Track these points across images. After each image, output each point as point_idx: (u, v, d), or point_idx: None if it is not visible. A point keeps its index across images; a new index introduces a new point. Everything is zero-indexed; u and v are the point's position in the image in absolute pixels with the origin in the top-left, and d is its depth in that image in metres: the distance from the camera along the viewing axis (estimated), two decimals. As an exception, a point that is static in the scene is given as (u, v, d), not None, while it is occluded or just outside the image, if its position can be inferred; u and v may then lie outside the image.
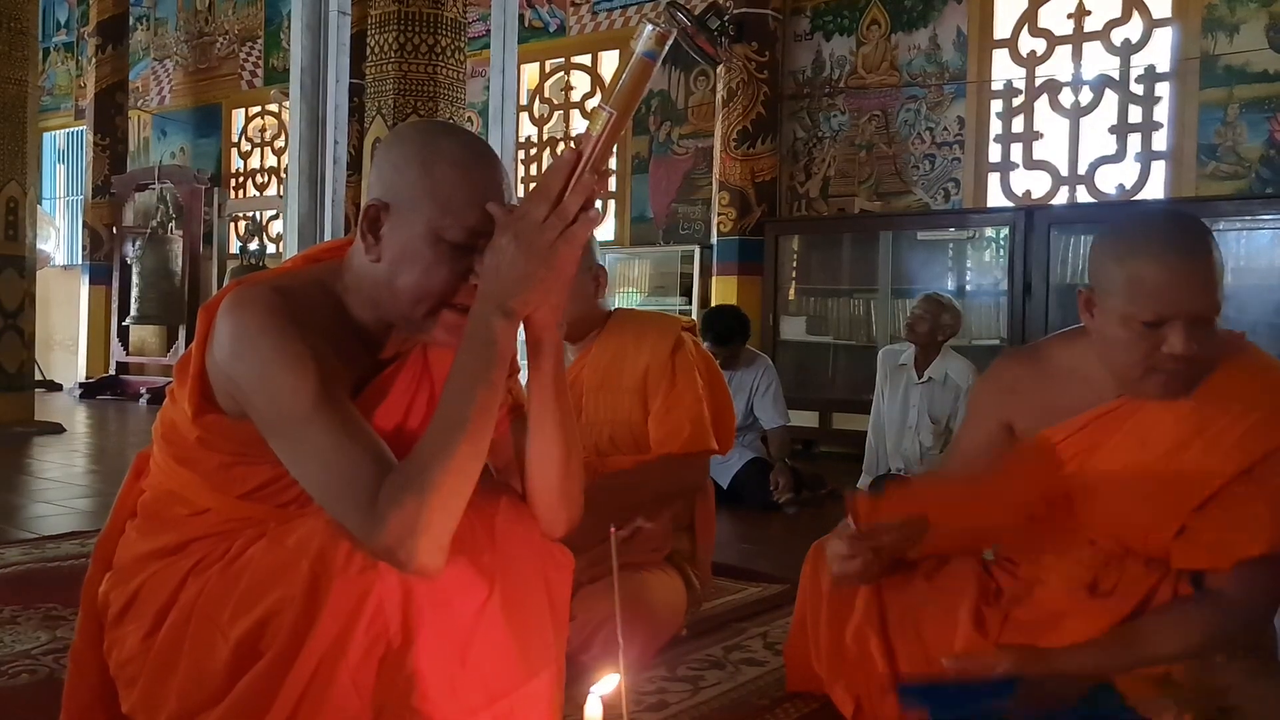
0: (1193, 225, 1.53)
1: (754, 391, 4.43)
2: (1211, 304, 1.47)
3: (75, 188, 11.36)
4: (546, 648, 1.26)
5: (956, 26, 6.35)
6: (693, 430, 2.28)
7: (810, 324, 6.53)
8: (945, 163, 6.39)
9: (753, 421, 4.44)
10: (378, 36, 5.35)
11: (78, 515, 3.80)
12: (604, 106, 1.12)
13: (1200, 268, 1.47)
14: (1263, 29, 5.44)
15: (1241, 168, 5.49)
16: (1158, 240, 1.50)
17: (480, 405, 1.14)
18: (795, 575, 1.88)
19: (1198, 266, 1.47)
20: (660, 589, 2.18)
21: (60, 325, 10.58)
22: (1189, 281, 1.46)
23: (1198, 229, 1.52)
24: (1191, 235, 1.50)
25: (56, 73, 11.48)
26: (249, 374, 1.19)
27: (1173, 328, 1.47)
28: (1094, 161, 5.97)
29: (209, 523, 1.30)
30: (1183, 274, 1.46)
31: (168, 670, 1.24)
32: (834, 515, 4.11)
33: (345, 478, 1.14)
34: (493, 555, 1.22)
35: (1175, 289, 1.46)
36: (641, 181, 7.53)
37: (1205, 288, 1.47)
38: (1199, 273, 1.47)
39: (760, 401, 4.43)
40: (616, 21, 7.65)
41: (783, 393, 4.58)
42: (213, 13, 10.17)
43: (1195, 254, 1.48)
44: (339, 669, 1.16)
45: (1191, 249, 1.48)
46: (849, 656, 1.71)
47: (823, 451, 6.24)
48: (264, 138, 9.97)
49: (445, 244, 1.21)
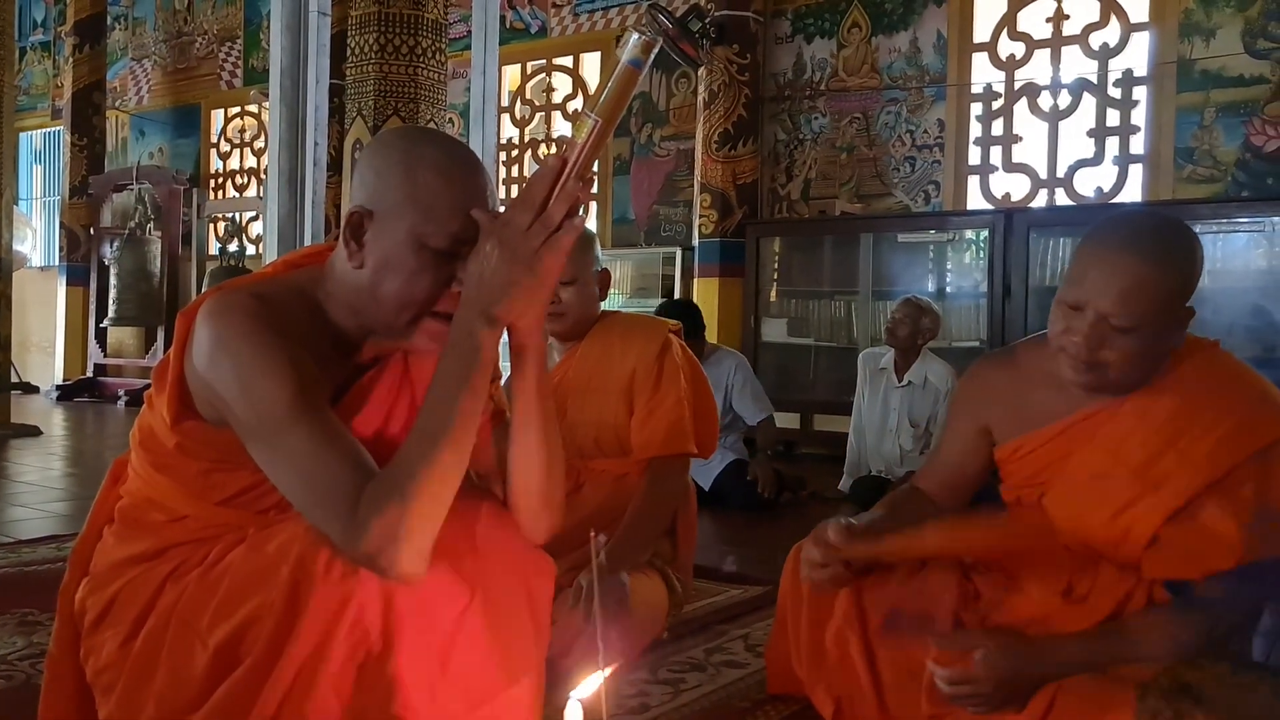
0: (1163, 233, 1.52)
1: (730, 390, 4.42)
2: (1131, 313, 1.46)
3: (52, 188, 11.27)
4: (527, 654, 1.26)
5: (936, 30, 6.38)
6: (671, 433, 2.28)
7: (791, 326, 6.55)
8: (925, 165, 6.42)
9: (731, 420, 4.44)
10: (358, 37, 5.33)
11: (55, 519, 3.77)
12: (589, 114, 1.12)
13: (1132, 271, 1.46)
14: (1238, 34, 5.49)
15: (1218, 171, 5.54)
16: (1115, 234, 1.52)
17: (462, 412, 1.13)
18: (776, 577, 1.88)
19: (1130, 270, 1.46)
20: (641, 592, 2.18)
21: (37, 327, 10.49)
22: (1110, 280, 1.47)
23: (1166, 240, 1.51)
24: (1149, 241, 1.50)
25: (33, 72, 11.38)
26: (228, 381, 1.18)
27: (1082, 316, 1.50)
28: (1072, 164, 6.02)
29: (188, 529, 1.29)
30: (1109, 271, 1.48)
31: (146, 677, 1.23)
32: (815, 517, 4.13)
33: (325, 485, 1.14)
34: (474, 561, 1.22)
35: (1096, 281, 1.48)
36: (623, 183, 7.54)
37: (1128, 293, 1.46)
38: (1129, 276, 1.46)
39: (740, 398, 4.42)
40: (598, 23, 7.65)
41: (759, 385, 4.59)
42: (191, 13, 10.11)
43: (1135, 257, 1.47)
44: (319, 676, 1.16)
45: (1136, 251, 1.47)
46: (829, 659, 1.72)
47: (804, 453, 6.26)
48: (243, 138, 9.91)
49: (429, 251, 1.21)
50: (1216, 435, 1.51)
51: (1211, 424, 1.52)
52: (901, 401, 4.52)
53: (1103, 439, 1.59)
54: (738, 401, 4.42)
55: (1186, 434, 1.53)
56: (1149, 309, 1.47)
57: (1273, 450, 1.51)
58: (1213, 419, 1.52)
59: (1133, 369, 1.53)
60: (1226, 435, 1.51)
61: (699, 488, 2.95)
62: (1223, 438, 1.51)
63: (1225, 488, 1.50)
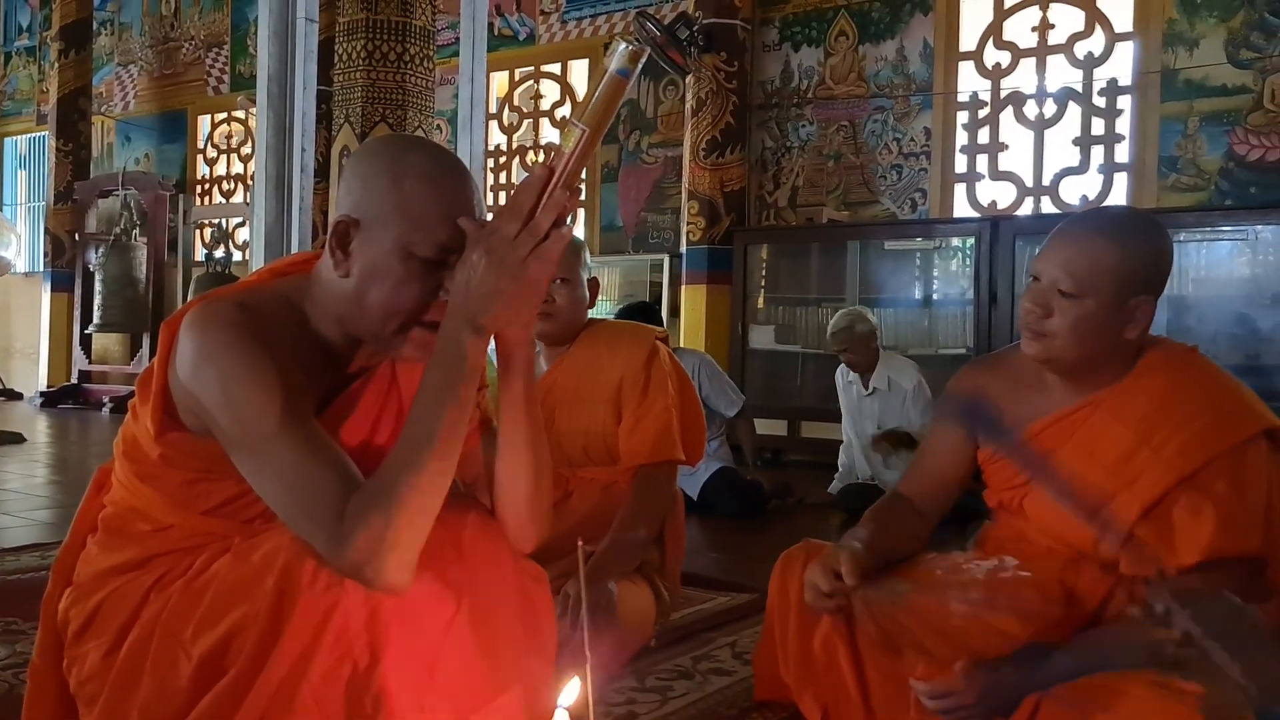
0: (1125, 218, 1.64)
1: (699, 388, 4.41)
2: (1075, 278, 1.55)
3: (37, 194, 11.20)
4: (516, 663, 1.26)
5: (923, 38, 6.41)
6: (659, 441, 2.28)
7: (779, 333, 6.56)
8: (912, 173, 6.45)
9: (713, 424, 4.42)
10: (346, 44, 5.32)
11: (38, 527, 3.74)
12: (576, 123, 1.12)
13: (1082, 240, 1.57)
14: (1221, 44, 5.53)
15: (1201, 180, 5.58)
16: (1083, 217, 1.64)
17: (449, 422, 1.13)
18: (764, 585, 1.89)
19: (1081, 239, 1.57)
20: (629, 599, 2.18)
21: (21, 333, 10.43)
22: (1062, 248, 1.58)
23: (1124, 223, 1.61)
24: (1108, 221, 1.60)
25: (18, 77, 11.32)
26: (212, 391, 1.17)
27: (1039, 284, 1.60)
28: (1058, 173, 6.05)
29: (172, 539, 1.28)
30: (1063, 241, 1.59)
31: (129, 688, 1.22)
32: (802, 524, 4.15)
33: (310, 495, 1.13)
34: (460, 570, 1.21)
35: (1051, 251, 1.60)
36: (611, 190, 7.54)
37: (1074, 259, 1.55)
38: (1078, 245, 1.57)
39: (712, 394, 4.40)
40: (586, 30, 7.66)
41: (726, 377, 4.60)
42: (178, 18, 10.07)
43: (1089, 230, 1.58)
44: (303, 686, 1.15)
45: (1092, 226, 1.59)
46: (817, 666, 1.72)
47: (791, 460, 6.26)
48: (230, 144, 9.88)
49: (415, 260, 1.20)
50: (1189, 432, 1.55)
51: (1183, 421, 1.56)
52: (873, 409, 4.60)
53: (1080, 438, 1.62)
54: (710, 398, 4.39)
55: (1160, 430, 1.56)
56: (1093, 276, 1.54)
57: (1245, 447, 1.54)
58: (1185, 416, 1.56)
59: (1077, 341, 1.57)
60: (1199, 432, 1.55)
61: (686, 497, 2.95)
62: (1195, 434, 1.55)
63: (1197, 483, 1.53)
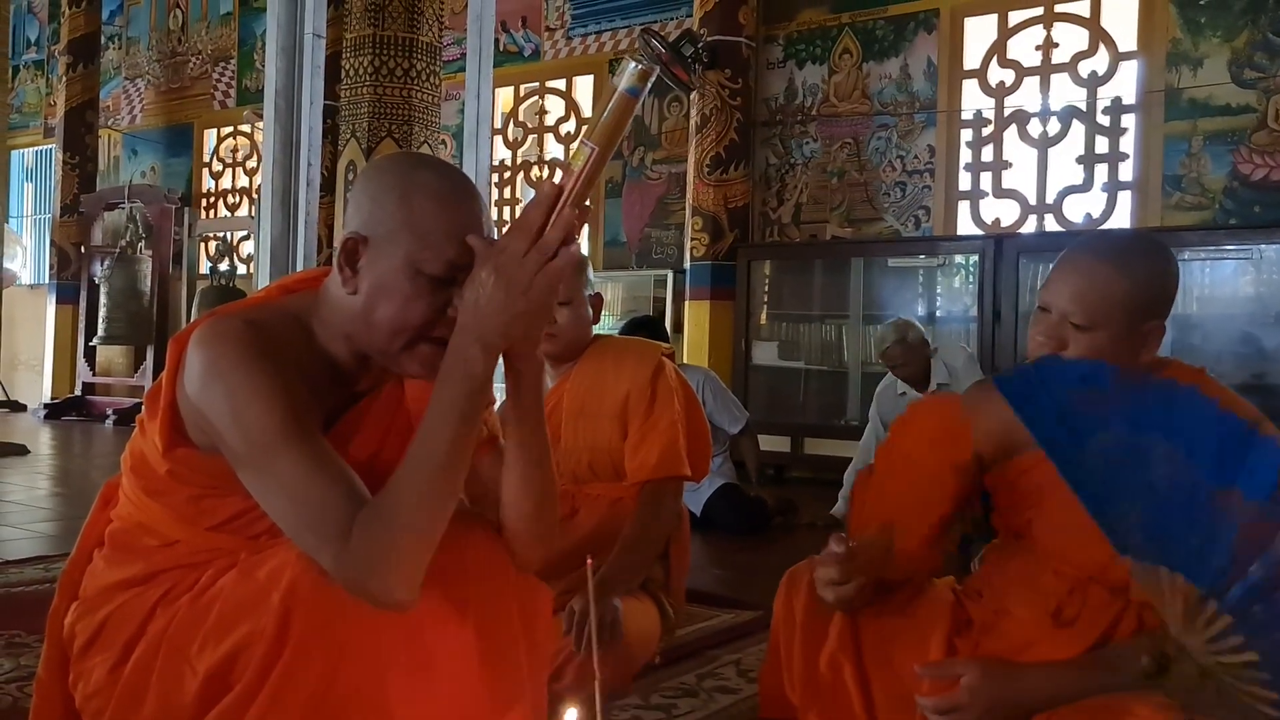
0: (1131, 244, 1.61)
1: (704, 405, 4.41)
2: (1087, 311, 1.52)
3: (43, 206, 11.25)
4: (520, 681, 1.25)
5: (927, 57, 6.43)
6: (665, 457, 2.28)
7: (782, 349, 6.56)
8: (916, 190, 6.46)
9: (716, 440, 4.41)
10: (353, 60, 5.36)
11: (42, 539, 3.74)
12: (586, 142, 1.12)
13: (1090, 270, 1.53)
14: (1225, 63, 5.55)
15: (1205, 199, 5.59)
16: (1087, 243, 1.60)
17: (456, 439, 1.13)
18: (769, 602, 1.87)
19: (1088, 269, 1.54)
20: (634, 616, 2.18)
21: (25, 345, 10.44)
22: (1069, 278, 1.55)
23: (1131, 248, 1.58)
24: (1114, 248, 1.57)
25: (26, 90, 11.38)
26: (219, 407, 1.17)
27: (1048, 316, 1.56)
28: (1062, 191, 6.06)
29: (178, 554, 1.28)
30: (1071, 270, 1.56)
31: (135, 703, 1.22)
32: (807, 541, 4.14)
33: (316, 511, 1.13)
34: (465, 588, 1.21)
35: (1058, 281, 1.56)
36: (615, 206, 7.56)
37: (1084, 291, 1.53)
38: (1086, 275, 1.53)
39: (717, 411, 4.39)
40: (591, 46, 7.69)
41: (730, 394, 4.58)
42: (185, 33, 10.13)
43: (1096, 259, 1.54)
44: (308, 702, 1.14)
45: (1099, 255, 1.55)
46: (823, 684, 1.71)
47: (794, 476, 6.25)
48: (236, 158, 9.92)
49: (424, 277, 1.21)
50: None
51: None
52: None
53: None
54: (715, 415, 4.38)
55: None
56: (1105, 308, 1.52)
57: None
58: None
59: None
60: None
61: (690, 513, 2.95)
62: None
63: None
